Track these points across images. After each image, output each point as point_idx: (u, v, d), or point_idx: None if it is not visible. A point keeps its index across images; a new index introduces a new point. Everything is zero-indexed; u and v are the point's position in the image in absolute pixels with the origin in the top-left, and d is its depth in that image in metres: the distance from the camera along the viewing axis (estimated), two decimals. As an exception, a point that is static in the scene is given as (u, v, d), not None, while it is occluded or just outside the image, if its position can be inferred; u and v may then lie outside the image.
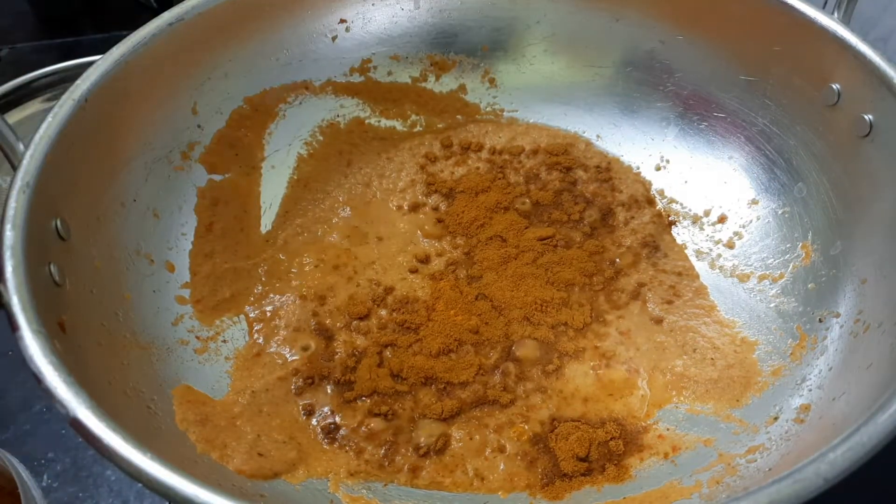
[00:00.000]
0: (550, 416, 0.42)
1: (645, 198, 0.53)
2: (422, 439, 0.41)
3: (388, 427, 0.41)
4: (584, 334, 0.46)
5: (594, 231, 0.51)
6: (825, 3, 0.46)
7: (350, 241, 0.50)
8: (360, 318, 0.46)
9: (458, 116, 0.57)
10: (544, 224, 0.51)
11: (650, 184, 0.53)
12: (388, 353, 0.44)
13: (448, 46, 0.56)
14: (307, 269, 0.48)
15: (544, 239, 0.50)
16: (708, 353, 0.45)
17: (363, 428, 0.41)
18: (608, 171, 0.54)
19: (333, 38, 0.53)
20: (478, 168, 0.55)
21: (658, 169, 0.54)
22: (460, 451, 0.41)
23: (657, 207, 0.52)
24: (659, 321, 0.46)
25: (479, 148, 0.56)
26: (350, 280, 0.48)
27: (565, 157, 0.54)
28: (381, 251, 0.50)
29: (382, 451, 0.40)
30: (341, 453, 0.40)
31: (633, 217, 0.52)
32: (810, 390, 0.39)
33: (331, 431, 0.41)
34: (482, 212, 0.51)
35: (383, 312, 0.47)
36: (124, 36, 0.43)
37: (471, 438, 0.41)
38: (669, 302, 0.47)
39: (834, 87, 0.43)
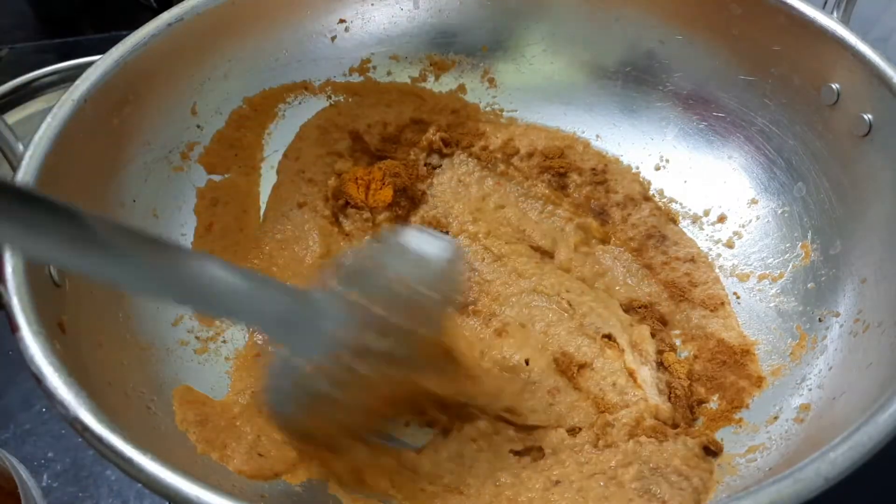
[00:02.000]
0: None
1: (642, 196, 0.52)
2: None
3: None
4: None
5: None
6: (825, 3, 0.46)
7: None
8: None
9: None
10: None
11: (649, 184, 0.53)
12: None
13: (447, 46, 0.55)
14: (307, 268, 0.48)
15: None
16: (708, 352, 0.45)
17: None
18: (604, 173, 0.52)
19: (333, 39, 0.53)
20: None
21: (658, 169, 0.54)
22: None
23: (654, 202, 0.52)
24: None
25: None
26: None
27: (560, 160, 0.53)
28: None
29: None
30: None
31: (630, 214, 0.51)
32: (810, 390, 0.39)
33: (331, 431, 0.41)
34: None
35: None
36: (124, 36, 0.43)
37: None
38: None
39: (833, 86, 0.43)
